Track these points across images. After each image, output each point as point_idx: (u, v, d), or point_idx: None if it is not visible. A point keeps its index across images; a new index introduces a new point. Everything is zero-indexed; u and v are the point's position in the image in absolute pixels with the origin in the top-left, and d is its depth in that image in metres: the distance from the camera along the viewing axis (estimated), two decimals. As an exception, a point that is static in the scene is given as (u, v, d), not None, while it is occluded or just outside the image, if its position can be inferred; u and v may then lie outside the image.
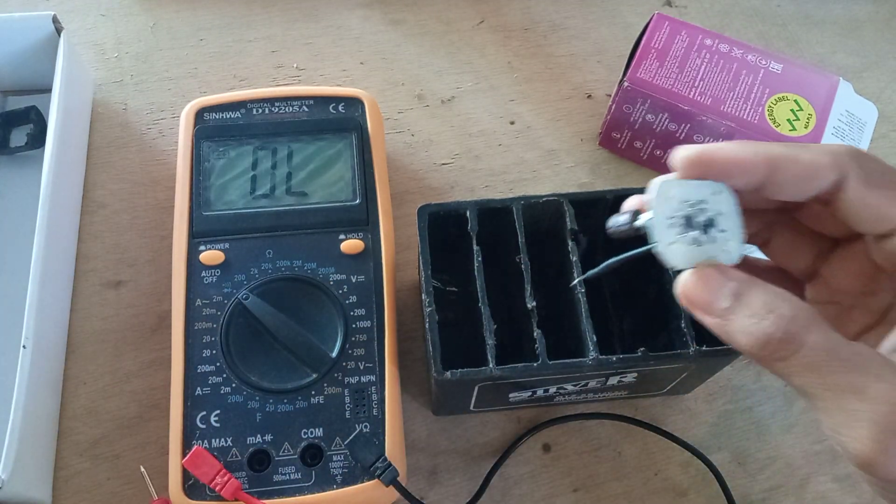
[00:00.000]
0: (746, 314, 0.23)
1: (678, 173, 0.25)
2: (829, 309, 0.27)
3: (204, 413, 0.35)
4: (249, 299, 0.36)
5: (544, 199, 0.35)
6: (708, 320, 0.24)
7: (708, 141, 0.43)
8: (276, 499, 0.33)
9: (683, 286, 0.24)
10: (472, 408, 0.37)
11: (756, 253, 0.30)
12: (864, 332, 0.26)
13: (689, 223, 0.25)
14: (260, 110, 0.42)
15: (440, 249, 0.34)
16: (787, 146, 0.25)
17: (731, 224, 0.25)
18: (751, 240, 0.29)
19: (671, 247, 0.25)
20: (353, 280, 0.37)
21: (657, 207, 0.25)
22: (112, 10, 0.51)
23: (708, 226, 0.25)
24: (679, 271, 0.25)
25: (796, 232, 0.28)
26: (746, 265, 0.29)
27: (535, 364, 0.32)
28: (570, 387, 0.35)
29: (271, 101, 0.42)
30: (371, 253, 0.38)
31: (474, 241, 0.34)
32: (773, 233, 0.29)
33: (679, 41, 0.43)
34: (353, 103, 0.42)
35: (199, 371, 0.35)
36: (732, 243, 0.25)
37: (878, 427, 0.20)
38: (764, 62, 0.43)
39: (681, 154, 0.25)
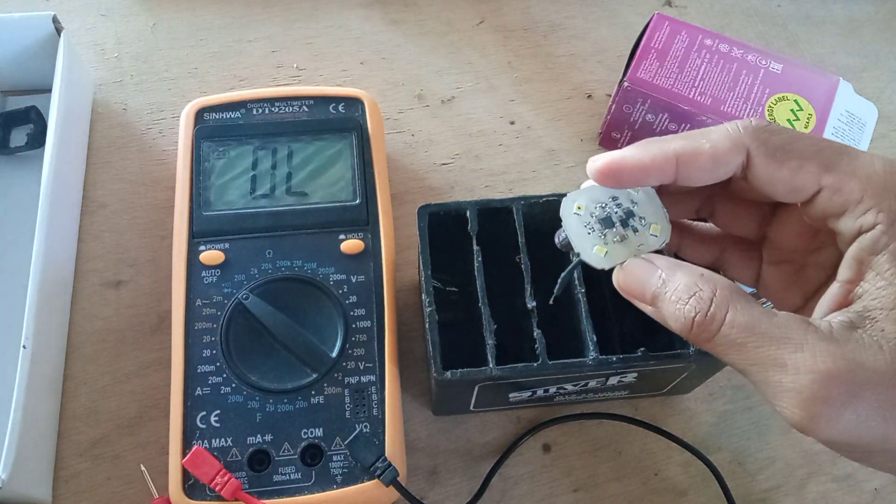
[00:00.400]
0: (672, 299, 0.24)
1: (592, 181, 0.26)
2: (785, 268, 0.28)
3: (204, 413, 0.35)
4: (249, 299, 0.36)
5: (544, 199, 0.35)
6: (645, 309, 0.25)
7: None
8: (276, 499, 0.33)
9: (616, 280, 0.26)
10: (472, 408, 0.37)
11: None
12: (821, 288, 0.26)
13: (607, 223, 0.26)
14: (260, 110, 0.42)
15: (440, 249, 0.34)
16: (688, 137, 0.25)
17: (651, 208, 0.26)
18: (696, 214, 0.30)
19: (594, 252, 0.25)
20: (353, 280, 0.37)
21: (566, 222, 0.26)
22: (112, 10, 0.51)
23: (627, 218, 0.26)
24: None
25: (735, 202, 0.29)
26: (710, 236, 0.30)
27: (535, 364, 0.32)
28: (570, 387, 0.35)
29: (271, 101, 0.42)
30: (371, 253, 0.38)
31: (474, 241, 0.34)
32: (715, 205, 0.29)
33: (679, 41, 0.43)
34: (353, 103, 0.42)
35: (199, 371, 0.35)
36: (656, 226, 0.26)
37: (801, 396, 0.21)
38: (764, 62, 0.43)
39: (590, 167, 0.26)
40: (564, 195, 0.27)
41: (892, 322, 0.21)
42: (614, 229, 0.26)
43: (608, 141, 0.47)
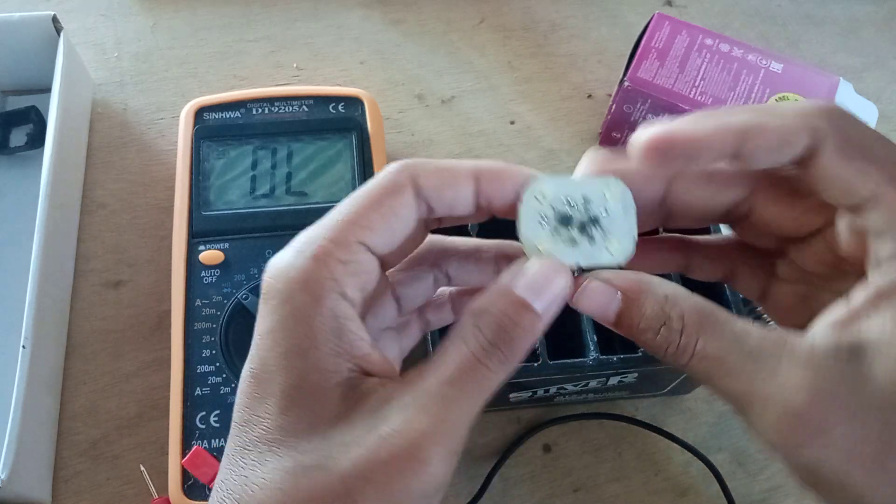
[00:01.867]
0: (642, 327, 0.22)
1: (635, 162, 0.24)
2: (800, 288, 0.26)
3: (203, 413, 0.35)
4: (249, 299, 0.36)
5: (544, 198, 0.35)
6: (616, 330, 0.23)
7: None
8: (276, 499, 0.33)
9: (575, 301, 0.23)
10: (472, 408, 0.37)
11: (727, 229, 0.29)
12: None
13: (564, 221, 0.24)
14: (260, 110, 0.42)
15: (440, 249, 0.34)
16: (752, 111, 0.23)
17: (623, 226, 0.24)
18: (724, 220, 0.27)
19: (532, 245, 0.23)
20: (353, 280, 0.37)
21: (524, 203, 0.24)
22: (112, 10, 0.51)
23: (589, 225, 0.24)
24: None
25: (781, 201, 0.26)
26: (719, 251, 0.28)
27: (535, 364, 0.32)
28: (570, 387, 0.35)
29: (271, 100, 0.42)
30: (371, 253, 0.38)
31: (474, 241, 0.34)
32: (756, 201, 0.26)
33: (679, 41, 0.43)
34: (353, 103, 0.42)
35: (198, 371, 0.35)
36: (616, 245, 0.24)
37: (777, 429, 0.20)
38: (764, 62, 0.43)
39: (638, 141, 0.23)
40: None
41: (890, 359, 0.20)
42: (568, 230, 0.24)
43: (608, 141, 0.47)
